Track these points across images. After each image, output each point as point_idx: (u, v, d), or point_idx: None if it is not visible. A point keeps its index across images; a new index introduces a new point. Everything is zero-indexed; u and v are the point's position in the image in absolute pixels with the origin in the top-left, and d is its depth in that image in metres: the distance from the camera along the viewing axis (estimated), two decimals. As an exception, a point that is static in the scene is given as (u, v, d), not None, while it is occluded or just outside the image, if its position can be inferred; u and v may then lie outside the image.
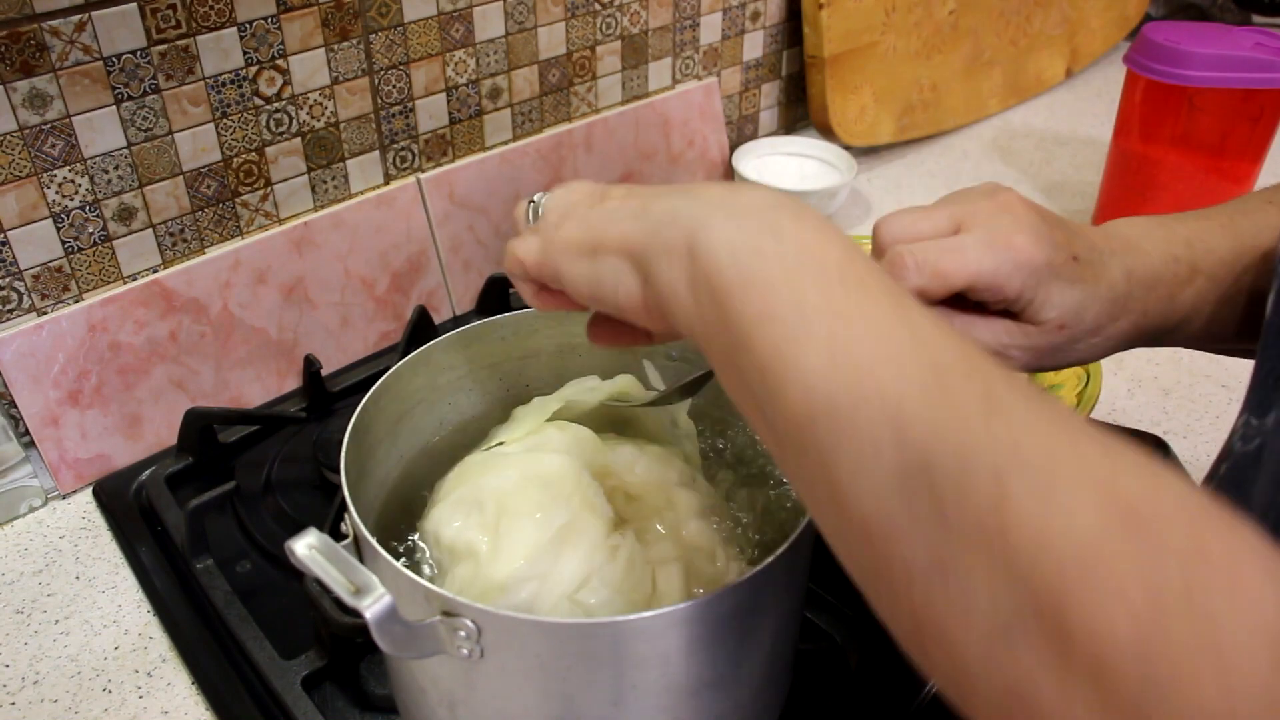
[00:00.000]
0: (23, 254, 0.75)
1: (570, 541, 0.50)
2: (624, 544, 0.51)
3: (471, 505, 0.52)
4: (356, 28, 0.85)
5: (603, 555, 0.50)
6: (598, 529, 0.51)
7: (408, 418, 0.60)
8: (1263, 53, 0.98)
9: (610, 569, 0.50)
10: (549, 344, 0.64)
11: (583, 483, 0.53)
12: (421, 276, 0.96)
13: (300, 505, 0.76)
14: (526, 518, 0.50)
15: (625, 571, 0.50)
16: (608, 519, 0.52)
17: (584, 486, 0.52)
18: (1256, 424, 0.43)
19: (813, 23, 1.16)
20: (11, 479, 0.77)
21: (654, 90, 1.11)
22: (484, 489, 0.52)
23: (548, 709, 0.47)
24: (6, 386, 0.76)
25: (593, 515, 0.51)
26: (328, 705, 0.61)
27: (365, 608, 0.40)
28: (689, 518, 0.55)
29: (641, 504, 0.55)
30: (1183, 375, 0.91)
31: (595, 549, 0.50)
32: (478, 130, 0.98)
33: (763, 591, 0.46)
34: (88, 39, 0.72)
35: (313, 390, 0.86)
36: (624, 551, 0.50)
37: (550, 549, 0.49)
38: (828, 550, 0.35)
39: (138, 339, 0.80)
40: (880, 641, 0.63)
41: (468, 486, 0.53)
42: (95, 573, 0.73)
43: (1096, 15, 1.50)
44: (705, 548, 0.54)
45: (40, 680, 0.66)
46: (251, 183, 0.85)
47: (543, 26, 0.98)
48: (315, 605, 0.60)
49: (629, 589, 0.50)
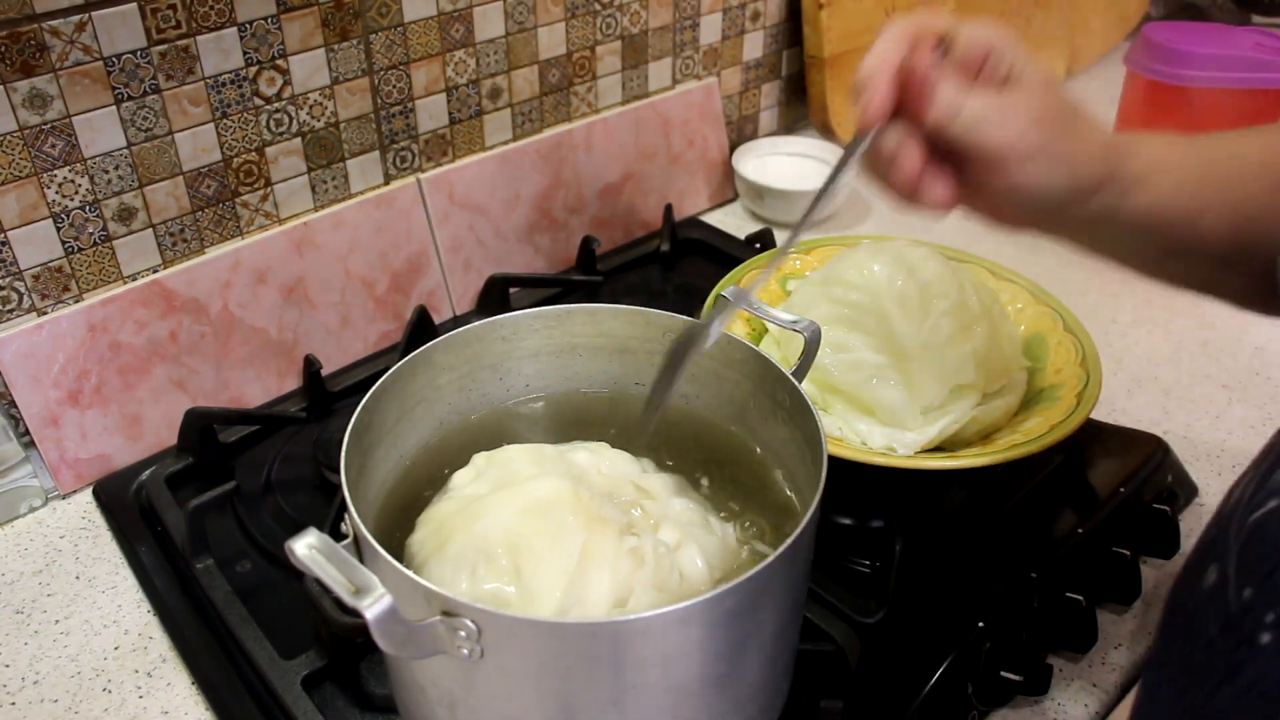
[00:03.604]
0: (23, 254, 0.75)
1: (594, 558, 0.49)
2: (642, 543, 0.51)
3: (478, 557, 0.49)
4: (356, 28, 0.85)
5: (627, 561, 0.49)
6: (613, 537, 0.50)
7: (408, 418, 0.60)
8: (1262, 53, 0.98)
9: (642, 572, 0.49)
10: (549, 344, 0.64)
11: (581, 497, 0.52)
12: (421, 276, 0.96)
13: (300, 505, 0.76)
14: (545, 551, 0.49)
15: (654, 568, 0.50)
16: (619, 524, 0.52)
17: (584, 500, 0.52)
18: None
19: (813, 23, 1.17)
20: (11, 479, 0.77)
21: (654, 90, 1.11)
22: (486, 538, 0.50)
23: (548, 709, 0.46)
24: (6, 386, 0.76)
25: (604, 526, 0.51)
26: (328, 705, 0.61)
27: (365, 608, 0.40)
28: (669, 499, 0.55)
29: (623, 500, 0.55)
30: (1183, 375, 0.91)
31: (619, 558, 0.49)
32: (478, 130, 0.98)
33: (763, 591, 0.46)
34: (88, 39, 0.72)
35: (313, 390, 0.86)
36: (646, 549, 0.50)
37: (579, 573, 0.48)
38: (828, 550, 0.35)
39: (138, 339, 0.80)
40: (880, 641, 0.63)
41: (461, 540, 0.50)
42: (95, 573, 0.73)
43: (1096, 15, 1.49)
44: (698, 520, 0.54)
45: (40, 680, 0.66)
46: (251, 183, 0.85)
47: (543, 26, 0.98)
48: (315, 605, 0.60)
49: (664, 583, 0.50)
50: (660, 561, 0.50)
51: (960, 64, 0.50)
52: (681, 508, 0.55)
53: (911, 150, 0.50)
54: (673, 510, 0.55)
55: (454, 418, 0.63)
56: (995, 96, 0.50)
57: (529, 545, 0.49)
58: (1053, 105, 0.50)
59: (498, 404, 0.65)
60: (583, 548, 0.49)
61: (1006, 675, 0.62)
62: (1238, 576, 0.44)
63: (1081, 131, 0.51)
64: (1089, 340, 0.76)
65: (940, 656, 0.61)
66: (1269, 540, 0.43)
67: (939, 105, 0.49)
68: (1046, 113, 0.50)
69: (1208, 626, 0.45)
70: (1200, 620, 0.46)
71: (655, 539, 0.52)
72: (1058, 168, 0.50)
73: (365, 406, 0.54)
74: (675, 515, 0.54)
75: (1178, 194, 0.53)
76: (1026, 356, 0.78)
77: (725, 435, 0.63)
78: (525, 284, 0.99)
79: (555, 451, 0.57)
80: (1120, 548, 0.70)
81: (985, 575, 0.66)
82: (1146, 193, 0.52)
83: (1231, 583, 0.44)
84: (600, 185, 1.07)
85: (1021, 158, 0.49)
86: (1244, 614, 0.43)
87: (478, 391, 0.64)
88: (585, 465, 0.57)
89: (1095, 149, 0.51)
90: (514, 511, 0.50)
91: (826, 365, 0.72)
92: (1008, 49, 0.50)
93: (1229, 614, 0.44)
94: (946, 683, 0.60)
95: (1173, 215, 0.53)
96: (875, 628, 0.63)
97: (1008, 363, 0.75)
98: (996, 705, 0.64)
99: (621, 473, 0.57)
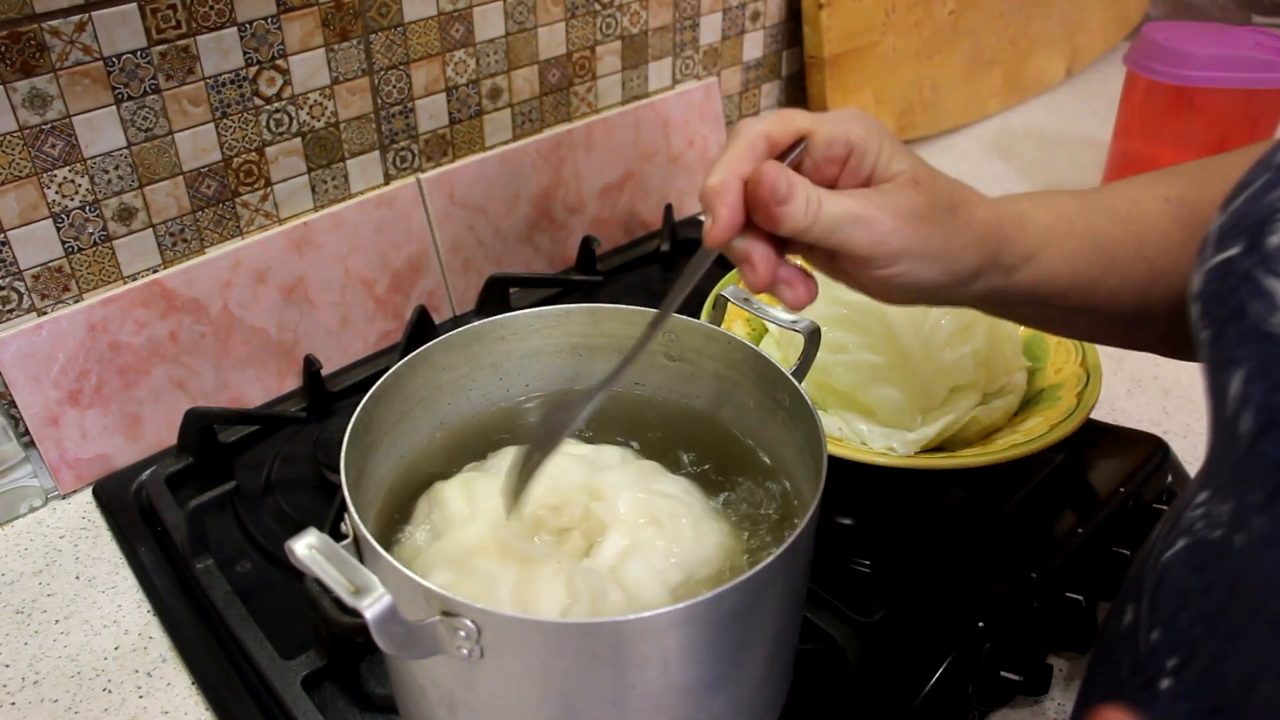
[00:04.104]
0: (23, 254, 0.75)
1: (528, 600, 0.49)
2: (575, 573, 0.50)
3: None
4: (356, 28, 0.85)
5: (562, 595, 0.49)
6: (544, 574, 0.50)
7: (408, 418, 0.60)
8: (1263, 53, 0.98)
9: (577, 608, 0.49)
10: (549, 344, 0.64)
11: (503, 539, 0.51)
12: (421, 276, 0.96)
13: (300, 505, 0.76)
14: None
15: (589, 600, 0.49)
16: (547, 559, 0.51)
17: (506, 542, 0.51)
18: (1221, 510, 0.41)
19: (813, 23, 1.17)
20: (11, 479, 0.77)
21: (654, 90, 1.11)
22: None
23: (548, 709, 0.46)
24: (6, 386, 0.76)
25: (531, 566, 0.50)
26: (328, 705, 0.61)
27: (365, 608, 0.40)
28: (617, 497, 0.54)
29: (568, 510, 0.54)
30: (1183, 375, 0.91)
31: (553, 593, 0.49)
32: (478, 130, 0.98)
33: (763, 591, 0.46)
34: (88, 39, 0.72)
35: (313, 390, 0.86)
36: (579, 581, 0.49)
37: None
38: (828, 550, 0.35)
39: (138, 339, 0.80)
40: (880, 641, 0.63)
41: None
42: (95, 573, 0.73)
43: (1096, 15, 1.50)
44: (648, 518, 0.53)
45: (40, 680, 0.66)
46: (251, 183, 0.85)
47: (543, 26, 0.98)
48: (315, 605, 0.60)
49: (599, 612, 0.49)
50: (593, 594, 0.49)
51: (821, 163, 0.46)
52: (630, 506, 0.53)
53: (762, 254, 0.46)
54: (620, 511, 0.53)
55: (454, 418, 0.63)
56: (857, 198, 0.45)
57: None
58: (921, 202, 0.46)
59: (498, 404, 0.65)
60: (514, 592, 0.49)
61: (1006, 675, 0.62)
62: (1148, 617, 0.43)
63: (958, 221, 0.47)
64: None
65: (940, 656, 0.61)
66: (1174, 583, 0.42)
67: (793, 214, 0.44)
68: (914, 210, 0.46)
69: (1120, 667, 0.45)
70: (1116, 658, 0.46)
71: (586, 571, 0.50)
72: (930, 264, 0.47)
73: (365, 406, 0.54)
74: (622, 517, 0.53)
75: (1072, 264, 0.50)
76: (1026, 356, 0.78)
77: (725, 435, 0.63)
78: (525, 284, 0.99)
79: (489, 482, 0.56)
80: (1120, 548, 0.70)
81: (985, 575, 0.66)
82: (1037, 268, 0.50)
83: (1143, 624, 0.44)
84: (600, 185, 1.07)
85: (889, 258, 0.46)
86: (1150, 656, 0.42)
87: (478, 391, 0.64)
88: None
89: (972, 239, 0.48)
90: (447, 568, 0.51)
91: (826, 366, 0.72)
92: (872, 144, 0.46)
93: (1138, 656, 0.43)
94: (946, 683, 0.60)
95: (1067, 286, 0.51)
96: (875, 628, 0.63)
97: (1008, 363, 0.75)
98: (996, 705, 0.64)
99: (573, 480, 0.55)
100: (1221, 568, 0.38)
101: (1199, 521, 0.41)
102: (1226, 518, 0.38)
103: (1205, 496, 0.41)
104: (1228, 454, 0.36)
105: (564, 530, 0.53)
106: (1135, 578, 0.47)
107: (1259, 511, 0.33)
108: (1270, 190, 0.37)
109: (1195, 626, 0.39)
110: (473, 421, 0.64)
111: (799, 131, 0.46)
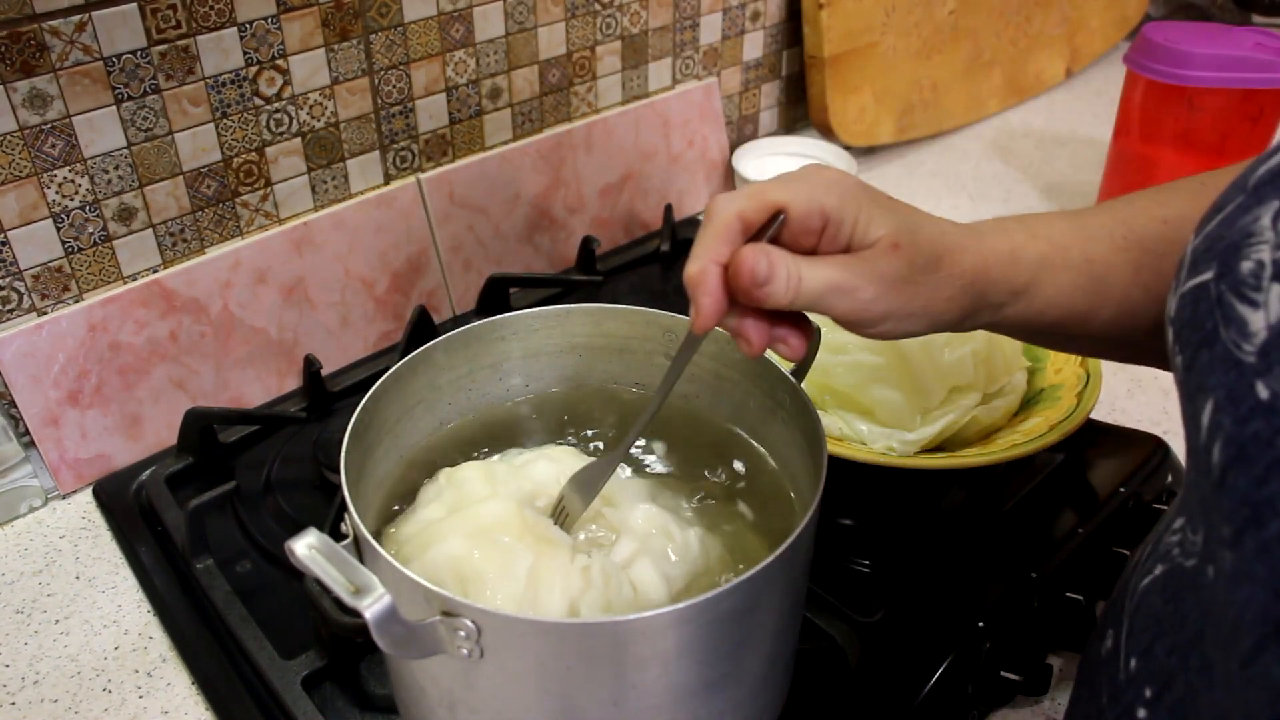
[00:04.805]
0: (23, 254, 0.75)
1: (543, 581, 0.49)
2: (593, 561, 0.50)
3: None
4: (356, 28, 0.86)
5: (578, 581, 0.49)
6: (562, 557, 0.50)
7: (408, 418, 0.60)
8: (1263, 53, 0.98)
9: (591, 593, 0.49)
10: (549, 344, 0.64)
11: (527, 518, 0.51)
12: (421, 276, 0.96)
13: (300, 505, 0.76)
14: (493, 577, 0.49)
15: (603, 588, 0.50)
16: (568, 544, 0.51)
17: (530, 521, 0.51)
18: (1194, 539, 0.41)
19: (813, 23, 1.17)
20: (11, 479, 0.77)
21: (654, 90, 1.11)
22: (436, 565, 0.50)
23: (548, 709, 0.47)
24: (6, 386, 0.76)
25: (551, 547, 0.50)
26: (328, 705, 0.61)
27: (365, 608, 0.40)
28: (632, 505, 0.54)
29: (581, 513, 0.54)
30: (1183, 375, 0.90)
31: (568, 577, 0.49)
32: (478, 130, 0.98)
33: (763, 591, 0.46)
34: (88, 39, 0.72)
35: (313, 390, 0.86)
36: (596, 569, 0.50)
37: (527, 596, 0.48)
38: (827, 550, 0.35)
39: (138, 339, 0.80)
40: (880, 641, 0.63)
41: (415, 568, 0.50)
42: (95, 573, 0.73)
43: (1096, 15, 1.50)
44: (659, 527, 0.54)
45: (40, 680, 0.66)
46: (251, 183, 0.85)
47: (543, 26, 0.98)
48: (315, 605, 0.60)
49: (611, 602, 0.49)
50: (609, 581, 0.50)
51: (798, 234, 0.46)
52: (643, 515, 0.54)
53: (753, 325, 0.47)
54: (632, 519, 0.54)
55: (454, 417, 0.63)
56: (837, 267, 0.45)
57: (477, 572, 0.49)
58: (902, 265, 0.46)
59: (498, 404, 0.65)
60: (530, 571, 0.49)
61: (1006, 675, 0.62)
62: (1127, 644, 0.43)
63: (940, 275, 0.47)
64: (1089, 340, 0.76)
65: (940, 656, 0.61)
66: (1151, 610, 0.42)
67: (774, 294, 0.44)
68: (896, 275, 0.45)
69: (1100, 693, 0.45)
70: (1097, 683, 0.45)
71: (605, 559, 0.51)
72: (915, 320, 0.47)
73: (365, 406, 0.54)
74: (634, 524, 0.54)
75: (1068, 296, 0.50)
76: (1026, 356, 0.78)
77: (725, 435, 0.63)
78: (525, 284, 0.99)
79: (510, 469, 0.56)
80: (1120, 548, 0.70)
81: (985, 575, 0.66)
82: (1029, 303, 0.50)
83: (1123, 650, 0.43)
84: (600, 185, 1.07)
85: (873, 321, 0.46)
86: (1128, 685, 0.42)
87: (478, 391, 0.64)
88: (544, 477, 0.56)
89: (957, 288, 0.48)
90: (462, 538, 0.50)
91: (826, 366, 0.72)
92: (848, 213, 0.45)
93: (1117, 683, 0.43)
94: (946, 683, 0.60)
95: (1062, 316, 0.50)
96: (875, 628, 0.63)
97: (1008, 363, 0.75)
98: (996, 705, 0.64)
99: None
100: (1196, 598, 0.38)
101: (1175, 549, 0.41)
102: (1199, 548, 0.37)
103: (1181, 523, 0.41)
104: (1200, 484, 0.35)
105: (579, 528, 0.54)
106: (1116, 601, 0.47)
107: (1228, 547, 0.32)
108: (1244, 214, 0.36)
109: (1171, 656, 0.39)
110: (473, 421, 0.64)
111: (773, 207, 0.45)
